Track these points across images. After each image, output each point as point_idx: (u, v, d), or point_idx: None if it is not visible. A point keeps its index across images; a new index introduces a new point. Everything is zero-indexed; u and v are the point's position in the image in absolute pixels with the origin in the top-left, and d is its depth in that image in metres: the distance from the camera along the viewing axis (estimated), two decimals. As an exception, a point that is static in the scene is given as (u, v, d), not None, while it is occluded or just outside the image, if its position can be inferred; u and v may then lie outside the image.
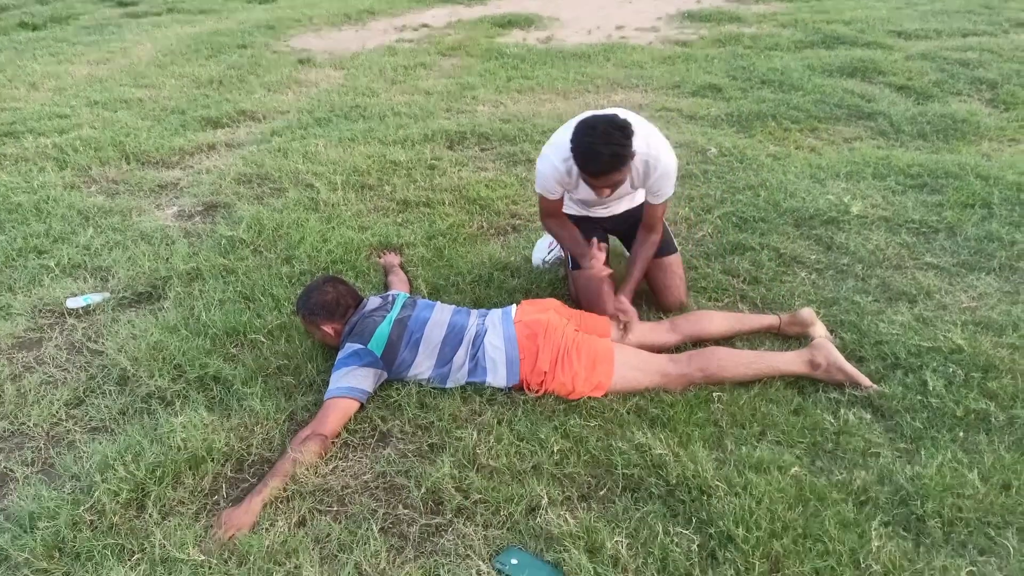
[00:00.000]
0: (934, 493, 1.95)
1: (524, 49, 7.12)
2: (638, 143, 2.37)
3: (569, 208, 2.91)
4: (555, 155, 2.56)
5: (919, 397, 2.33)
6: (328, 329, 2.51)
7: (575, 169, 2.47)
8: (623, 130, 2.27)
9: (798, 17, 8.07)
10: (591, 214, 2.94)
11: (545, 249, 3.23)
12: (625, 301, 2.62)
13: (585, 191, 2.63)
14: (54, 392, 2.52)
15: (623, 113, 2.43)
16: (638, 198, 2.91)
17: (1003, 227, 3.36)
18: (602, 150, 2.26)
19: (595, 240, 2.63)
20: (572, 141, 2.35)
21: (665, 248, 2.85)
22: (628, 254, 2.95)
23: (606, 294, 2.71)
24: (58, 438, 2.33)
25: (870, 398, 2.36)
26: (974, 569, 1.77)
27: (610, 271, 2.61)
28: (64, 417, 2.41)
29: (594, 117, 2.34)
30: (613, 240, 3.09)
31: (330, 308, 2.50)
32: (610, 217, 2.95)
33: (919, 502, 1.93)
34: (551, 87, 5.92)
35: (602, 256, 2.59)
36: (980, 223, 3.43)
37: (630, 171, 2.51)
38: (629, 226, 2.88)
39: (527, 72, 6.33)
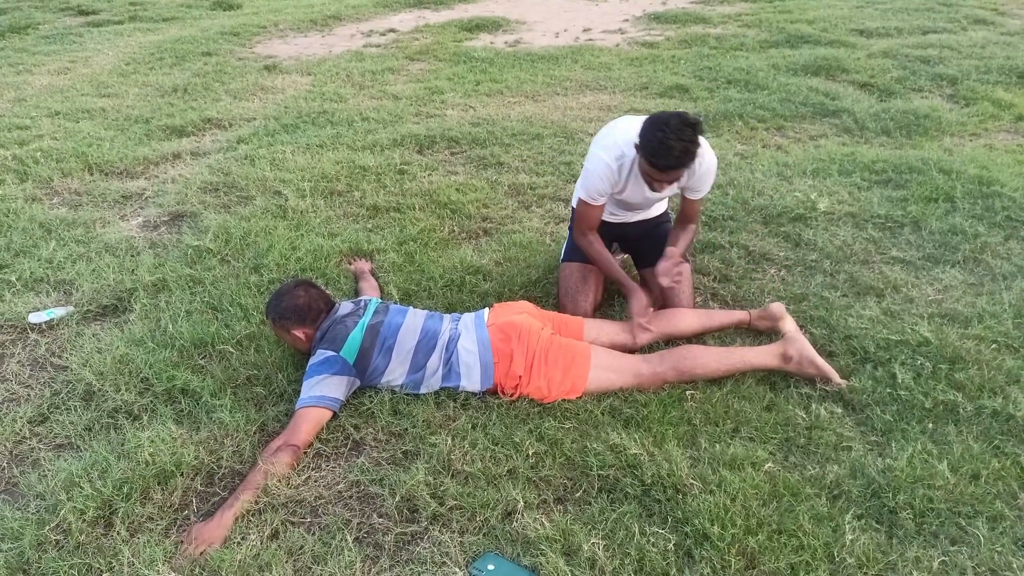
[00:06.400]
0: (905, 485, 1.97)
1: (492, 52, 7.12)
2: None
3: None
4: (607, 154, 2.57)
5: (888, 390, 2.36)
6: (299, 334, 2.47)
7: (627, 167, 2.56)
8: (694, 127, 2.30)
9: (762, 17, 8.17)
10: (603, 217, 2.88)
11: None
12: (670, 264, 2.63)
13: (632, 191, 2.66)
14: (17, 409, 2.45)
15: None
16: (654, 211, 2.94)
17: (966, 220, 3.42)
18: (675, 144, 2.28)
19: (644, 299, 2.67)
20: (642, 136, 2.37)
21: None
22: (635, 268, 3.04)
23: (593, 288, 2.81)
24: (22, 456, 2.28)
25: (841, 392, 2.38)
26: (946, 559, 1.79)
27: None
28: (28, 435, 2.35)
29: (665, 114, 2.36)
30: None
31: (301, 312, 2.46)
32: (619, 224, 2.95)
33: (891, 494, 1.95)
34: (520, 90, 5.93)
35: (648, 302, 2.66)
36: (944, 217, 3.48)
37: None
38: (638, 234, 2.92)
39: (495, 75, 6.32)
